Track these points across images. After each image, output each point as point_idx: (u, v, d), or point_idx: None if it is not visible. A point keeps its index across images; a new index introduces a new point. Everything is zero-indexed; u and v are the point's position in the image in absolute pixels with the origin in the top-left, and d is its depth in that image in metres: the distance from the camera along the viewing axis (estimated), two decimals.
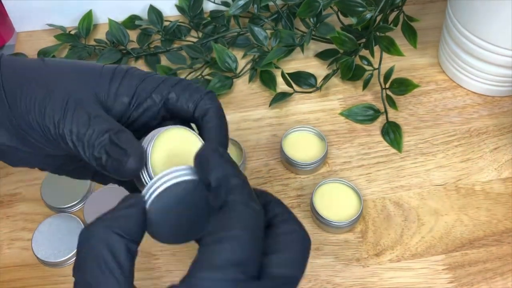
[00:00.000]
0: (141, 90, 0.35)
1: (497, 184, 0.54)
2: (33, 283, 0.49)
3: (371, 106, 0.59)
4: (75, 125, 0.33)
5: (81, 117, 0.33)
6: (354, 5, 0.57)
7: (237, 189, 0.29)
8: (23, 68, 0.36)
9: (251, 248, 0.27)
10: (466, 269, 0.48)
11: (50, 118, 0.34)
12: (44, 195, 0.53)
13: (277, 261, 0.28)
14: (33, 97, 0.34)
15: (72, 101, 0.34)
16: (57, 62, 0.37)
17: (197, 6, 0.68)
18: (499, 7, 0.51)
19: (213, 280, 0.26)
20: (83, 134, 0.33)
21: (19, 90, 0.35)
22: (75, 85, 0.35)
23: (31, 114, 0.34)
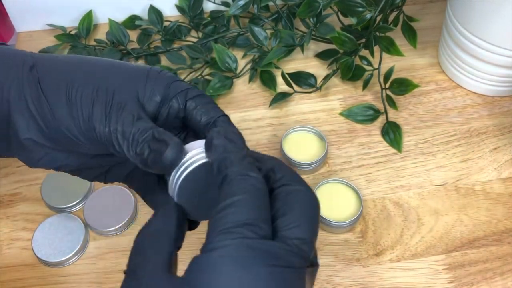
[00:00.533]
0: (169, 92, 0.37)
1: (497, 184, 0.54)
2: (33, 283, 0.49)
3: (371, 106, 0.59)
4: (120, 125, 0.35)
5: (126, 116, 0.35)
6: (354, 5, 0.57)
7: (234, 162, 0.31)
8: (62, 65, 0.37)
9: (255, 209, 0.29)
10: (466, 269, 0.48)
11: (97, 116, 0.35)
12: (44, 195, 0.53)
13: (286, 223, 0.29)
14: (78, 96, 0.35)
15: (116, 99, 0.35)
16: (97, 60, 0.38)
17: (197, 6, 0.68)
18: (499, 7, 0.51)
19: (226, 242, 0.27)
20: (129, 133, 0.34)
21: (61, 88, 0.36)
22: (117, 84, 0.36)
23: (75, 112, 0.35)
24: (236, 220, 0.28)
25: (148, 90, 0.37)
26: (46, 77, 0.37)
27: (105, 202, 0.52)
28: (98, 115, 0.35)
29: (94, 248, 0.50)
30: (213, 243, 0.28)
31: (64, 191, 0.53)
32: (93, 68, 0.37)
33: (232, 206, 0.29)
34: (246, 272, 0.27)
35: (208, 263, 0.27)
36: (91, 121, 0.35)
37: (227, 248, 0.27)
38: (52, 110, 0.36)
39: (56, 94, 0.36)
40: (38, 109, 0.36)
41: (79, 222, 0.51)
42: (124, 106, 0.35)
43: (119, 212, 0.51)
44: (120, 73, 0.37)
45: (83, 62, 0.38)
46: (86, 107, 0.35)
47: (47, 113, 0.36)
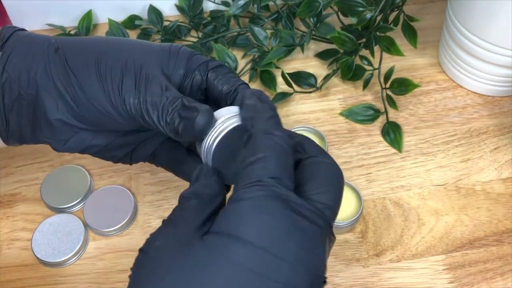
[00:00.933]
0: (191, 65, 0.39)
1: (498, 184, 0.54)
2: (33, 283, 0.49)
3: (371, 106, 0.59)
4: (150, 95, 0.36)
5: (155, 87, 0.36)
6: (354, 5, 0.57)
7: (260, 120, 0.32)
8: (88, 44, 0.39)
9: (279, 165, 0.30)
10: (466, 269, 0.48)
11: (127, 88, 0.36)
12: (44, 195, 0.53)
13: (311, 188, 0.31)
14: (108, 70, 0.37)
15: (144, 72, 0.37)
16: (121, 39, 0.40)
17: (197, 6, 0.68)
18: (499, 7, 0.51)
19: (253, 193, 0.29)
20: (159, 103, 0.36)
21: (90, 64, 0.37)
22: (144, 58, 0.38)
23: (106, 86, 0.36)
24: (261, 174, 0.29)
25: (172, 64, 0.39)
26: (73, 56, 0.38)
27: (105, 202, 0.52)
28: (128, 87, 0.36)
29: (94, 249, 0.50)
30: (240, 195, 0.29)
31: (64, 191, 0.53)
32: (119, 45, 0.39)
33: (256, 162, 0.30)
34: (272, 216, 0.28)
35: (236, 211, 0.28)
36: (121, 94, 0.36)
37: (255, 198, 0.28)
38: (82, 86, 0.37)
39: (85, 71, 0.37)
40: (67, 87, 0.37)
41: (79, 222, 0.51)
42: (153, 77, 0.37)
43: (119, 212, 0.51)
44: (145, 49, 0.39)
45: (109, 40, 0.39)
46: (116, 80, 0.36)
47: (77, 90, 0.37)
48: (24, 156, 0.57)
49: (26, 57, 0.38)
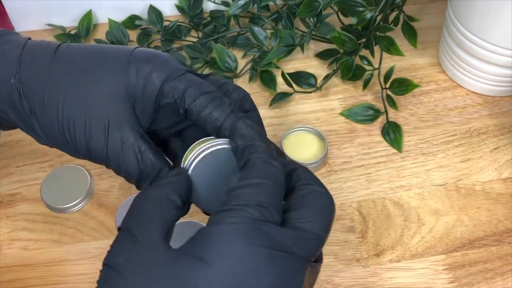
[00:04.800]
0: (166, 91, 0.37)
1: (498, 184, 0.54)
2: (33, 283, 0.49)
3: (371, 106, 0.59)
4: (123, 164, 0.35)
5: (129, 157, 0.35)
6: (354, 5, 0.57)
7: (259, 149, 0.32)
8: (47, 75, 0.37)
9: (271, 195, 0.29)
10: (466, 269, 0.48)
11: (96, 152, 0.35)
12: (44, 195, 0.53)
13: (300, 215, 0.30)
14: (71, 124, 0.35)
15: (112, 132, 0.35)
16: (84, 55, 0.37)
17: (197, 6, 0.68)
18: (499, 7, 0.51)
19: (234, 218, 0.28)
20: (134, 175, 0.35)
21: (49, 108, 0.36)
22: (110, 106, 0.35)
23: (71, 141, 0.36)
24: (249, 199, 0.29)
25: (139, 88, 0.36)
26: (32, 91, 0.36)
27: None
28: (97, 150, 0.35)
29: (94, 248, 0.50)
30: (221, 217, 0.28)
31: (64, 191, 0.53)
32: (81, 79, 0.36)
33: (249, 186, 0.29)
34: (247, 250, 0.27)
35: (212, 234, 0.28)
36: (90, 154, 0.36)
37: (235, 225, 0.28)
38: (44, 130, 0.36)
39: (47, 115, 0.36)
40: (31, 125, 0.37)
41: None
42: (124, 140, 0.35)
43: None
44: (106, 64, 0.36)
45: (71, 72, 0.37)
46: (81, 138, 0.35)
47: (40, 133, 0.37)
48: (24, 156, 0.57)
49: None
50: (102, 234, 0.51)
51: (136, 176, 0.35)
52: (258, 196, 0.29)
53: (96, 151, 0.35)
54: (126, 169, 0.35)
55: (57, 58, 0.37)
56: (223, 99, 0.36)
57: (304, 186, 0.32)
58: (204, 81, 0.37)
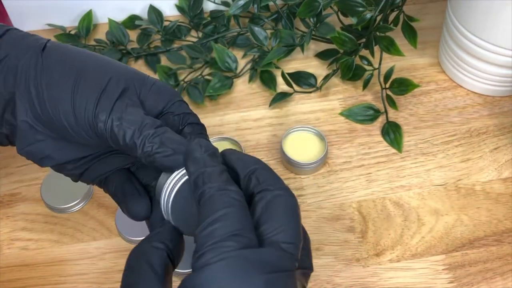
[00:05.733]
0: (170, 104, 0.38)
1: (497, 184, 0.54)
2: (33, 283, 0.49)
3: (371, 106, 0.59)
4: (128, 114, 0.35)
5: (135, 110, 0.35)
6: (354, 5, 0.57)
7: (211, 177, 0.31)
8: (73, 54, 0.37)
9: (240, 220, 0.29)
10: (466, 269, 0.48)
11: (103, 106, 0.35)
12: (44, 195, 0.53)
13: (271, 229, 0.29)
14: (87, 85, 0.35)
15: (125, 96, 0.35)
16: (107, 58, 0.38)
17: (197, 6, 0.68)
18: (499, 7, 0.51)
19: (218, 256, 0.27)
20: (139, 121, 0.34)
21: (68, 76, 0.36)
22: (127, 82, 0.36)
23: (79, 101, 0.35)
24: (223, 234, 0.28)
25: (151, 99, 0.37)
26: (55, 63, 0.36)
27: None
28: (104, 105, 0.35)
29: (94, 248, 0.50)
30: (204, 260, 0.27)
31: (64, 191, 0.53)
32: (106, 63, 0.37)
33: (217, 221, 0.28)
34: (243, 283, 0.27)
35: (203, 280, 0.27)
36: (95, 110, 0.35)
37: (220, 262, 0.27)
38: (54, 97, 0.35)
39: (60, 81, 0.36)
40: (38, 93, 0.36)
41: None
42: (134, 103, 0.35)
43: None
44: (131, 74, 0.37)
45: (96, 56, 0.38)
46: (92, 97, 0.35)
47: (45, 99, 0.36)
48: None
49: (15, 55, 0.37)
50: (102, 234, 0.51)
51: (138, 123, 0.34)
52: (228, 227, 0.28)
53: (103, 104, 0.35)
54: (128, 117, 0.34)
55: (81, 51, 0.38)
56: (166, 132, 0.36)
57: (265, 192, 0.31)
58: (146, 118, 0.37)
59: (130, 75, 0.37)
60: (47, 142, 0.37)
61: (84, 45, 0.67)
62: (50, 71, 0.36)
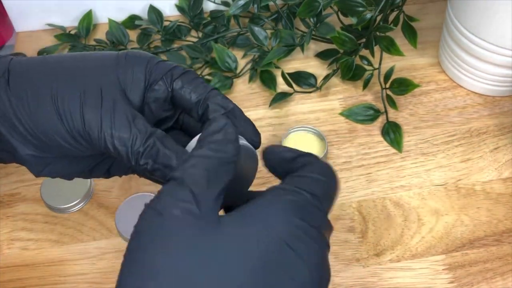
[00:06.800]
0: (153, 74, 0.37)
1: (498, 184, 0.54)
2: (33, 283, 0.49)
3: (371, 106, 0.59)
4: (116, 129, 0.34)
5: (121, 119, 0.34)
6: (354, 5, 0.57)
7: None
8: (37, 66, 0.36)
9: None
10: (466, 269, 0.48)
11: (90, 123, 0.34)
12: (44, 195, 0.53)
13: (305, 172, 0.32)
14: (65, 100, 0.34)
15: (106, 98, 0.34)
16: (70, 55, 0.37)
17: (197, 6, 0.68)
18: (499, 7, 0.51)
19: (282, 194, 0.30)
20: (127, 139, 0.34)
21: (45, 97, 0.34)
22: (101, 78, 0.35)
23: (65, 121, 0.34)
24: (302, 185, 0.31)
25: (129, 75, 0.36)
26: (21, 82, 0.35)
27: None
28: (91, 119, 0.34)
29: (94, 248, 0.50)
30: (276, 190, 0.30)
31: (64, 191, 0.53)
32: (72, 62, 0.36)
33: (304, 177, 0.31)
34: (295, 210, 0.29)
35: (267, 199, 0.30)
36: (85, 128, 0.34)
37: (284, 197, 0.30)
38: (41, 121, 0.34)
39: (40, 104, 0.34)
40: (25, 124, 0.35)
41: None
42: (115, 105, 0.34)
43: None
44: (100, 65, 0.36)
45: (60, 59, 0.36)
46: (75, 111, 0.34)
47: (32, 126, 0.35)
48: None
49: None
50: (102, 234, 0.51)
51: (128, 140, 0.34)
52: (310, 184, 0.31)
53: (90, 115, 0.34)
54: (118, 133, 0.34)
55: (46, 59, 0.36)
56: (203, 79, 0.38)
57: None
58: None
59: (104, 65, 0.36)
60: (56, 164, 0.37)
61: (84, 45, 0.67)
62: (22, 97, 0.35)
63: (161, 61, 0.37)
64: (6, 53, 0.67)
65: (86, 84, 0.35)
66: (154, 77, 0.37)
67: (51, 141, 0.35)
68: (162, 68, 0.37)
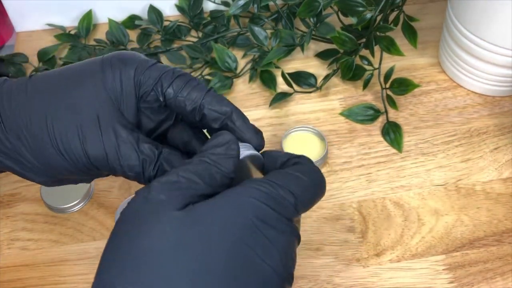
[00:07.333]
0: (142, 86, 0.36)
1: (498, 184, 0.54)
2: (33, 283, 0.49)
3: (371, 106, 0.59)
4: (124, 160, 0.34)
5: (126, 149, 0.35)
6: (354, 5, 0.57)
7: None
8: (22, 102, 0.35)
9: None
10: (467, 269, 0.48)
11: (96, 157, 0.34)
12: (44, 195, 0.53)
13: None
14: (64, 139, 0.34)
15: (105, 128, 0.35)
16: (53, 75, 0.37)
17: (197, 6, 0.68)
18: (499, 7, 0.51)
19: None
20: (137, 166, 0.35)
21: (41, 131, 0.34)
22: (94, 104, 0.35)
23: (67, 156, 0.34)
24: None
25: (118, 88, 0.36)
26: (19, 122, 0.35)
27: None
28: (96, 157, 0.34)
29: (94, 248, 0.50)
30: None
31: (64, 191, 0.53)
32: (63, 94, 0.35)
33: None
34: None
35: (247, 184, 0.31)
36: (91, 163, 0.35)
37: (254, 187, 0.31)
38: (46, 161, 0.35)
39: (41, 145, 0.34)
40: (32, 162, 0.35)
41: None
42: (116, 135, 0.35)
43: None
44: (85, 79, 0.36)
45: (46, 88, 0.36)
46: (78, 152, 0.34)
47: (42, 165, 0.35)
48: None
49: None
50: (102, 234, 0.51)
51: (138, 167, 0.35)
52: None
53: (94, 152, 0.34)
54: (127, 162, 0.34)
55: (32, 82, 0.36)
56: (197, 80, 0.37)
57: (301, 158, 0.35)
58: (175, 67, 0.38)
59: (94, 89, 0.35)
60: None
61: (84, 45, 0.67)
62: (21, 137, 0.35)
63: (151, 66, 0.37)
64: (6, 53, 0.67)
65: (80, 113, 0.35)
66: (144, 89, 0.36)
67: (61, 174, 0.36)
68: (152, 77, 0.36)
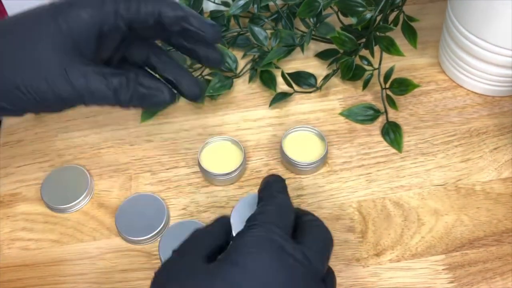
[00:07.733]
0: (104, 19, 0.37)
1: (497, 184, 0.54)
2: (33, 283, 0.49)
3: (371, 106, 0.59)
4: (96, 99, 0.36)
5: (96, 84, 0.36)
6: (354, 5, 0.57)
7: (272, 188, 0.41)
8: None
9: (281, 215, 0.37)
10: (466, 269, 0.48)
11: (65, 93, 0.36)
12: (44, 195, 0.53)
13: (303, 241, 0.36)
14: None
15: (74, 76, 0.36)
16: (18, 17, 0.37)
17: (197, 6, 0.68)
18: (499, 7, 0.51)
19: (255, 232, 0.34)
20: (109, 96, 0.37)
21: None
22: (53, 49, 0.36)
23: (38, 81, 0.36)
24: (263, 220, 0.35)
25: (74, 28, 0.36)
26: None
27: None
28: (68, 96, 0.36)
29: (94, 248, 0.50)
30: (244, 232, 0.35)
31: (64, 191, 0.53)
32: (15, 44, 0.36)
33: (262, 212, 0.36)
34: (265, 253, 0.33)
35: (239, 244, 0.34)
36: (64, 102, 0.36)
37: (255, 237, 0.34)
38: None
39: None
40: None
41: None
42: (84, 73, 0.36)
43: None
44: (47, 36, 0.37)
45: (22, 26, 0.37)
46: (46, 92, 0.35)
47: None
48: (24, 156, 0.57)
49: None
50: (102, 234, 0.51)
51: (112, 97, 0.36)
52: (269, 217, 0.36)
53: (66, 94, 0.36)
54: (101, 94, 0.36)
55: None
56: None
57: (307, 220, 0.39)
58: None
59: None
60: None
61: None
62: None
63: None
64: None
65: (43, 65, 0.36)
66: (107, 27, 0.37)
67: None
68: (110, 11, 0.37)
